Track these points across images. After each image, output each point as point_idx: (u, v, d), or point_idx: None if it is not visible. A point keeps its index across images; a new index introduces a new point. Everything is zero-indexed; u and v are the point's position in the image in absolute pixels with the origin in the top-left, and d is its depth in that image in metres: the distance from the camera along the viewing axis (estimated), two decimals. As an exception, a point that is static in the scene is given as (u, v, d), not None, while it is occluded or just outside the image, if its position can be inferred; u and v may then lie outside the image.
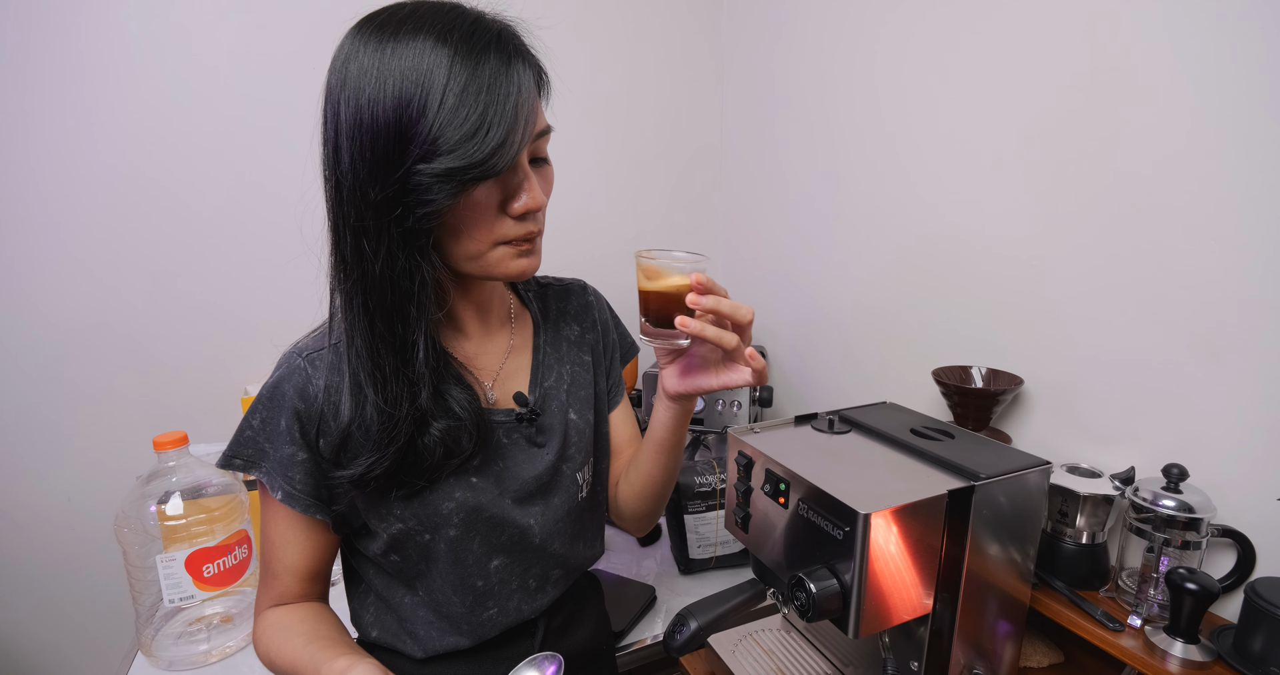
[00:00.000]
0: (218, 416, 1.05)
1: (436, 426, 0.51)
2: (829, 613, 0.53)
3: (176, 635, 0.81)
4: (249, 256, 1.04)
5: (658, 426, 0.60)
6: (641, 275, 0.51)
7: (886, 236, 1.00)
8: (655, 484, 0.64)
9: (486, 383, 0.59)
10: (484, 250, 0.49)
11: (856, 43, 1.00)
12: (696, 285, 0.48)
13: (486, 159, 0.43)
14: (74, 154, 0.93)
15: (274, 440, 0.53)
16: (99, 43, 0.91)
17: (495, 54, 0.44)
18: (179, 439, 0.79)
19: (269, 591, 0.57)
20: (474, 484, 0.55)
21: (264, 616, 0.56)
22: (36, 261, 0.94)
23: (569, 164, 1.23)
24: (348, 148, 0.44)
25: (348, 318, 0.49)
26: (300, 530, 0.55)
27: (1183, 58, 0.63)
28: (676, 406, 0.59)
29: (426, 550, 0.55)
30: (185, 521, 0.78)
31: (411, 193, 0.44)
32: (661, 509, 0.69)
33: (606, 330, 0.69)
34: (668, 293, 0.50)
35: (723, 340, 0.49)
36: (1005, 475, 0.56)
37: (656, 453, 0.62)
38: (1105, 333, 0.72)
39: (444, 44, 0.43)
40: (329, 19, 1.07)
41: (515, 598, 0.59)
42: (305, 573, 0.57)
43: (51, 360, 0.96)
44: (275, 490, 0.53)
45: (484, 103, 0.43)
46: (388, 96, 0.42)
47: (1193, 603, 0.56)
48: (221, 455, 0.54)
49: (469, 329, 0.59)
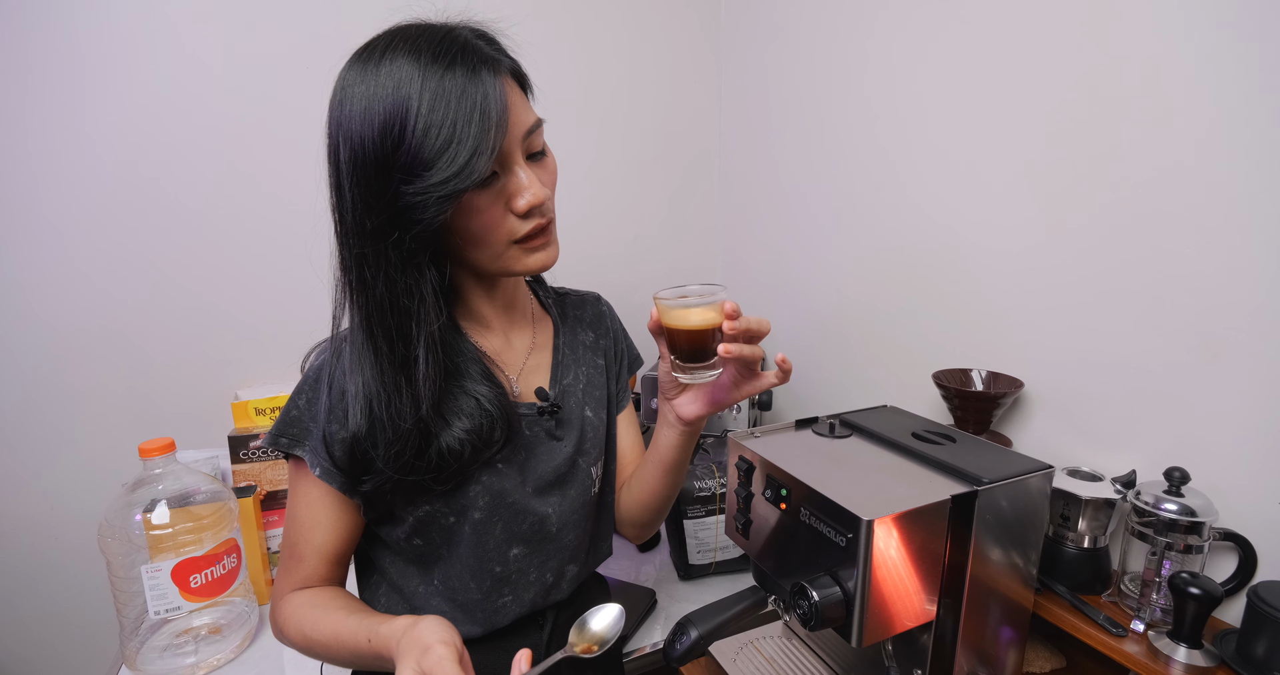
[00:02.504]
0: (208, 421, 1.03)
1: (459, 427, 0.52)
2: (832, 621, 0.52)
3: (162, 647, 0.79)
4: (242, 257, 1.02)
5: (667, 449, 0.61)
6: (668, 318, 0.53)
7: (886, 238, 0.99)
8: (658, 499, 0.66)
9: (512, 376, 0.61)
10: (501, 251, 0.52)
11: (856, 46, 1.00)
12: (732, 313, 0.50)
13: (462, 169, 0.45)
14: (63, 152, 0.91)
15: (318, 418, 0.54)
16: (89, 40, 0.90)
17: (461, 66, 0.46)
18: (165, 445, 0.77)
19: (293, 575, 0.57)
20: (500, 470, 0.57)
21: (289, 598, 0.56)
22: (22, 262, 0.92)
23: (567, 167, 1.21)
24: (349, 185, 0.47)
25: (354, 338, 0.52)
26: (331, 510, 0.55)
27: (1186, 63, 0.63)
28: (689, 430, 0.60)
29: (450, 533, 0.56)
30: (172, 530, 0.76)
31: (403, 214, 0.46)
32: (662, 520, 0.70)
33: (617, 339, 0.72)
34: (700, 329, 0.52)
35: (755, 355, 0.52)
36: (1008, 480, 0.56)
37: (663, 473, 0.63)
38: (1106, 336, 0.72)
39: (415, 64, 0.45)
40: (322, 16, 1.07)
41: (532, 590, 0.60)
42: (331, 554, 0.57)
43: (37, 362, 0.94)
44: (314, 466, 0.54)
45: (453, 116, 0.45)
46: (374, 129, 0.45)
47: (1196, 608, 0.55)
48: (267, 434, 0.55)
49: (495, 325, 0.61)
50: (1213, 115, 0.61)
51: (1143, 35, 0.66)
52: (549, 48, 1.17)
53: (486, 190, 0.49)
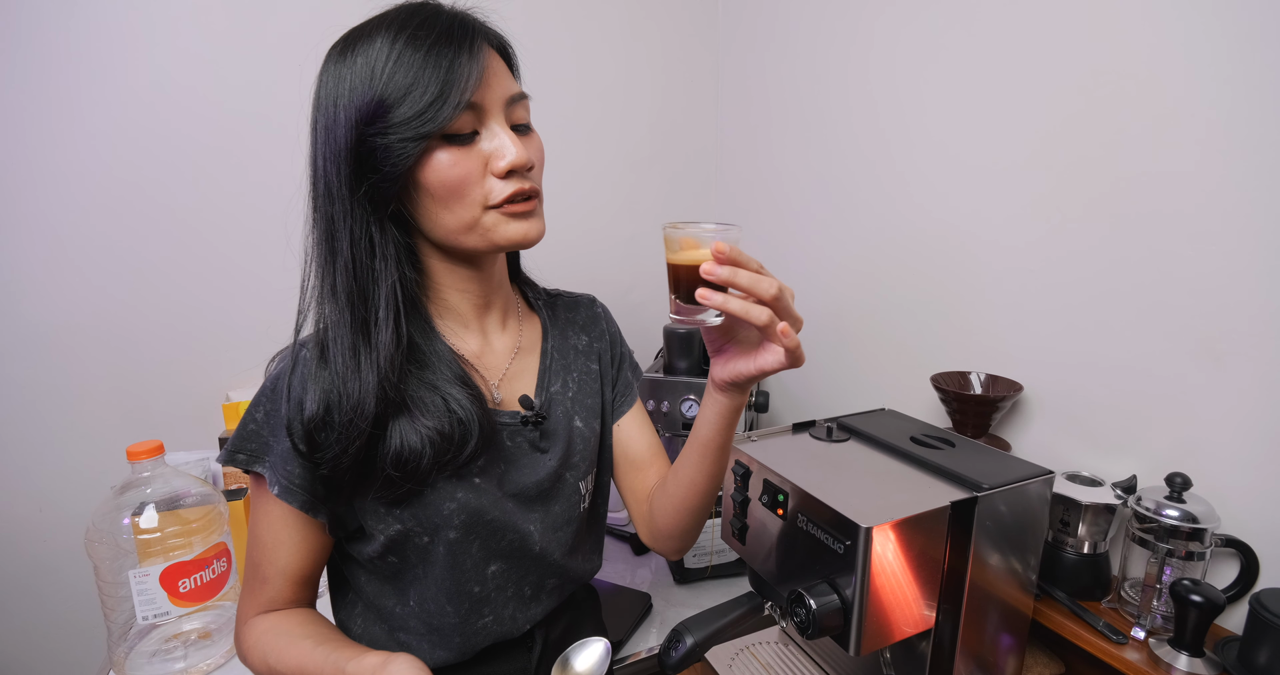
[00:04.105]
0: (198, 423, 1.02)
1: (423, 424, 0.49)
2: (829, 629, 0.52)
3: (151, 653, 0.77)
4: (234, 254, 1.01)
5: (704, 425, 0.56)
6: (667, 248, 0.48)
7: (884, 239, 0.99)
8: (699, 493, 0.59)
9: (493, 381, 0.58)
10: (477, 216, 0.49)
11: (854, 43, 0.99)
12: (717, 254, 0.43)
13: (424, 110, 0.45)
14: (52, 147, 0.90)
15: (277, 433, 0.51)
16: (80, 34, 0.88)
17: (439, 31, 0.47)
18: (153, 448, 0.76)
19: (257, 597, 0.54)
20: (477, 485, 0.53)
21: (254, 623, 0.53)
22: (9, 259, 0.90)
23: (563, 164, 1.21)
24: (320, 143, 0.48)
25: (318, 305, 0.50)
26: (295, 530, 0.53)
27: (1185, 60, 0.62)
28: (725, 399, 0.53)
29: (424, 553, 0.53)
30: (160, 534, 0.75)
31: (368, 161, 0.47)
32: (702, 524, 0.63)
33: (614, 342, 0.68)
34: (692, 265, 0.46)
35: (749, 315, 0.44)
36: (1008, 485, 0.55)
37: (701, 455, 0.57)
38: (1106, 339, 0.71)
39: (388, 32, 0.47)
40: (314, 9, 1.05)
41: (510, 605, 0.57)
42: (297, 576, 0.54)
43: (24, 362, 0.93)
44: (273, 484, 0.51)
45: (420, 63, 0.45)
46: (346, 85, 0.47)
47: (1198, 615, 0.55)
48: (224, 451, 0.52)
49: (473, 324, 0.58)
50: (1213, 116, 0.61)
51: (1144, 33, 0.65)
52: (543, 43, 1.16)
53: (462, 147, 0.48)
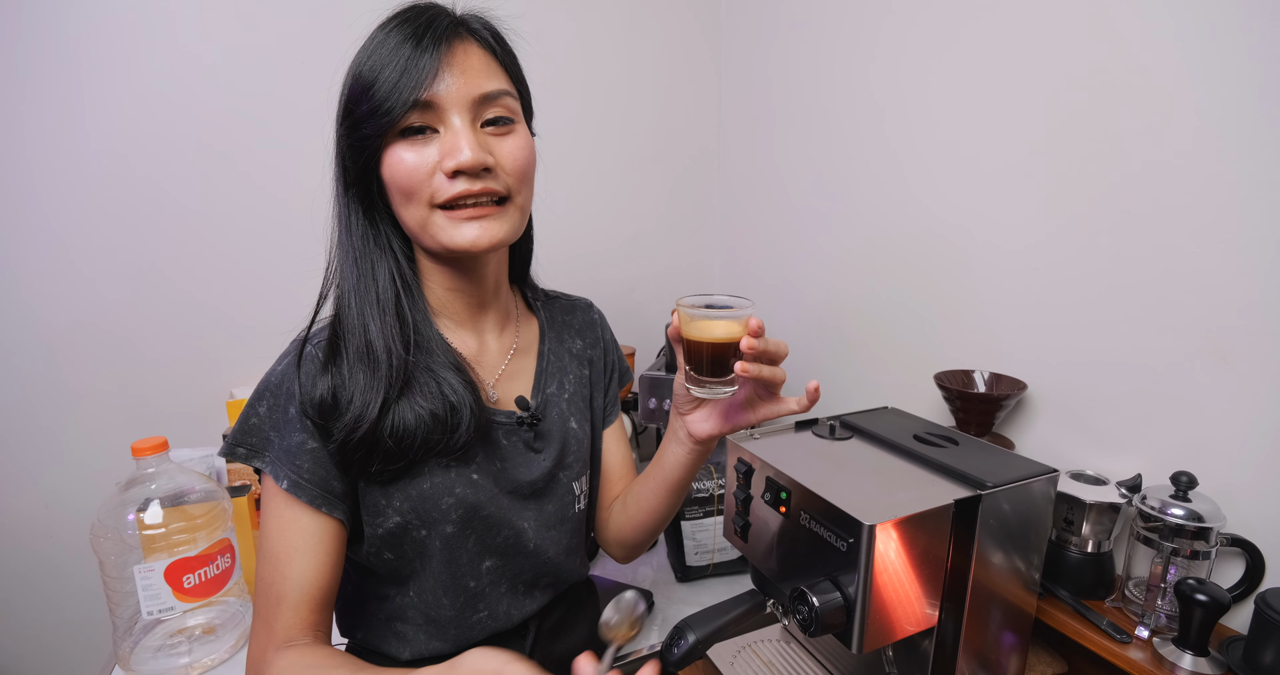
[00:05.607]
0: (202, 420, 1.02)
1: (420, 404, 0.50)
2: (832, 627, 0.51)
3: (156, 648, 0.78)
4: (237, 253, 1.01)
5: (673, 467, 0.59)
6: (688, 328, 0.51)
7: (887, 237, 0.98)
8: (655, 518, 0.63)
9: (489, 380, 0.58)
10: (426, 215, 0.50)
11: (857, 42, 0.99)
12: (756, 331, 0.48)
13: (376, 109, 0.47)
14: (54, 147, 0.90)
15: (281, 428, 0.51)
16: (82, 34, 0.89)
17: (411, 28, 0.48)
18: (158, 445, 0.77)
19: (273, 627, 0.48)
20: (474, 481, 0.54)
21: (272, 662, 0.47)
22: (14, 259, 0.91)
23: (565, 164, 1.21)
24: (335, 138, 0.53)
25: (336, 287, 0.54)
26: (309, 534, 0.49)
27: (1188, 57, 0.62)
28: (700, 449, 0.58)
29: (422, 547, 0.54)
30: (165, 530, 0.75)
31: (348, 157, 0.51)
32: (652, 542, 0.68)
33: (608, 350, 0.70)
34: (721, 342, 0.50)
35: (776, 377, 0.50)
36: (1012, 484, 0.55)
37: (667, 492, 0.61)
38: (1110, 337, 0.70)
39: (376, 33, 0.50)
40: (315, 9, 1.05)
41: (505, 600, 0.58)
42: (313, 590, 0.49)
43: (30, 360, 0.93)
44: (280, 479, 0.49)
45: (384, 62, 0.48)
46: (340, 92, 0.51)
47: (1203, 614, 0.54)
48: (224, 444, 0.52)
49: (466, 323, 0.58)
50: (1216, 112, 0.60)
51: (1145, 29, 0.64)
52: (547, 44, 1.15)
53: (417, 143, 0.49)
